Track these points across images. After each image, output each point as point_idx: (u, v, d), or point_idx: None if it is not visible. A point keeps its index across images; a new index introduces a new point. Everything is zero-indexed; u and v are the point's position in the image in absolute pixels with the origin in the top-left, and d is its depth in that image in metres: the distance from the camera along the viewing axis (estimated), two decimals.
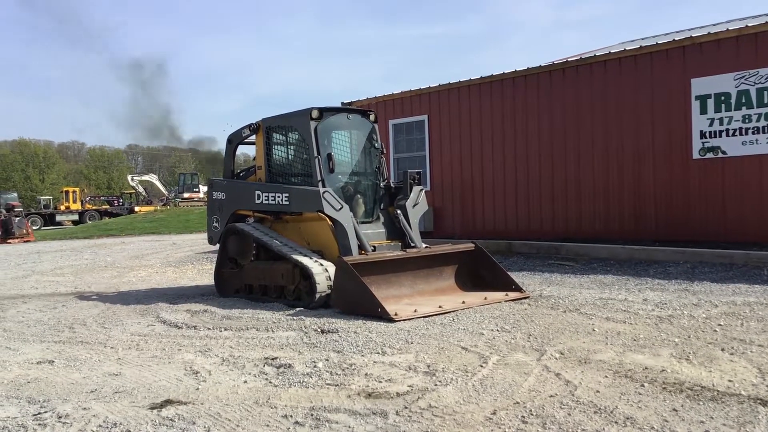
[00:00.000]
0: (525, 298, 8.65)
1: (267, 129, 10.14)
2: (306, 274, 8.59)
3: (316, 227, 9.32)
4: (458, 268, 9.28)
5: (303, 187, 9.40)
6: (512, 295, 8.71)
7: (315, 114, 9.39)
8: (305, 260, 8.67)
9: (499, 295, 8.64)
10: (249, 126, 10.44)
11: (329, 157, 9.35)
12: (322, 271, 8.47)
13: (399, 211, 9.63)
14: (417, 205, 9.80)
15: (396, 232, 9.59)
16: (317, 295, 8.37)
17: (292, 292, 8.99)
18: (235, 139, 10.83)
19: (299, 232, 9.60)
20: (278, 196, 9.62)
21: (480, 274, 9.26)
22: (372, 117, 10.08)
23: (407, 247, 9.28)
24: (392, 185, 10.02)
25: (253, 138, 10.54)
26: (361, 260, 8.29)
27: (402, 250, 9.16)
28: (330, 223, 9.03)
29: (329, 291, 8.42)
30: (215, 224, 10.75)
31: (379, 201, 9.86)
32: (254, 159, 10.59)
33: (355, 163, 10.14)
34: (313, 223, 9.34)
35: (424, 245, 9.40)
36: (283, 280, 9.09)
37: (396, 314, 7.52)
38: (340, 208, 9.00)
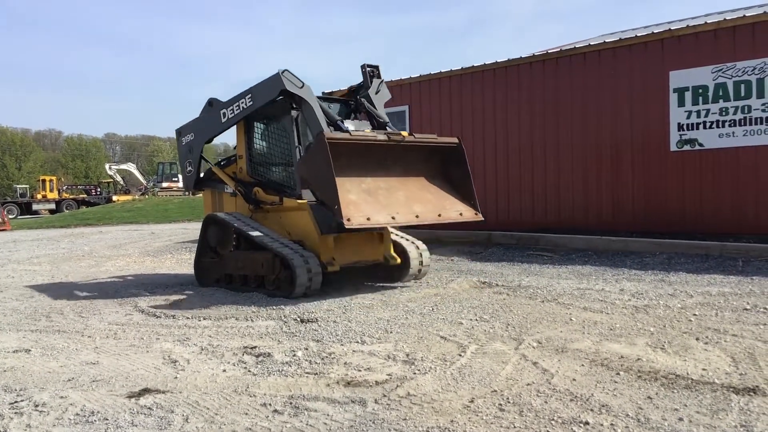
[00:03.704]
0: (478, 220, 8.86)
1: (247, 118, 10.08)
2: (286, 264, 8.57)
3: (296, 217, 9.29)
4: (433, 161, 9.23)
5: (261, 82, 9.33)
6: (466, 215, 8.82)
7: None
8: (286, 250, 8.64)
9: (453, 214, 8.74)
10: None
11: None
12: (303, 263, 8.45)
13: (363, 100, 9.56)
14: (379, 92, 9.73)
15: None
16: (297, 287, 8.36)
17: (272, 282, 8.97)
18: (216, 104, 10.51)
19: (280, 222, 9.57)
20: (242, 102, 9.56)
21: (451, 172, 9.23)
22: (353, 106, 10.05)
23: (379, 128, 9.25)
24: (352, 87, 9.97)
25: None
26: (342, 139, 8.13)
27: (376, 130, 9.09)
28: (309, 210, 9.00)
29: (309, 283, 8.41)
30: (189, 168, 10.70)
31: None
32: (234, 148, 10.53)
33: None
34: (294, 213, 9.32)
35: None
36: (263, 270, 9.06)
37: (349, 220, 7.60)
38: (302, 86, 8.93)
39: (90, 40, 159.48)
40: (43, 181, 54.70)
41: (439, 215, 8.55)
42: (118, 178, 59.59)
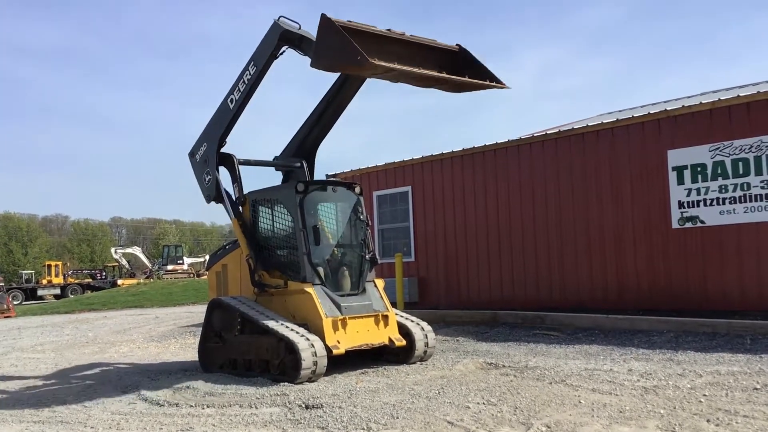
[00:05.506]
0: (504, 87, 9.03)
1: (253, 202, 10.23)
2: (291, 349, 8.53)
3: (300, 300, 9.30)
4: (443, 60, 9.27)
5: (258, 45, 9.60)
6: (493, 84, 8.97)
7: (300, 187, 9.49)
8: (290, 334, 8.62)
9: (479, 82, 8.90)
10: (238, 197, 10.32)
11: (315, 229, 9.39)
12: (308, 346, 8.41)
13: None
14: None
15: (380, 304, 9.60)
16: (302, 371, 8.29)
17: (277, 367, 8.90)
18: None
19: (284, 305, 9.57)
20: (246, 75, 9.75)
21: (462, 74, 9.18)
22: (357, 189, 10.18)
23: None
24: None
25: None
26: (347, 24, 8.25)
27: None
28: (314, 294, 9.02)
29: (314, 367, 8.36)
30: (208, 178, 10.47)
31: (364, 273, 9.87)
32: None
33: (341, 235, 10.21)
34: (298, 296, 9.34)
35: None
36: (267, 355, 9.01)
37: (374, 60, 7.61)
38: (299, 27, 9.33)
39: (96, 125, 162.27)
40: (49, 266, 54.92)
41: (466, 76, 8.75)
42: (124, 262, 59.76)
